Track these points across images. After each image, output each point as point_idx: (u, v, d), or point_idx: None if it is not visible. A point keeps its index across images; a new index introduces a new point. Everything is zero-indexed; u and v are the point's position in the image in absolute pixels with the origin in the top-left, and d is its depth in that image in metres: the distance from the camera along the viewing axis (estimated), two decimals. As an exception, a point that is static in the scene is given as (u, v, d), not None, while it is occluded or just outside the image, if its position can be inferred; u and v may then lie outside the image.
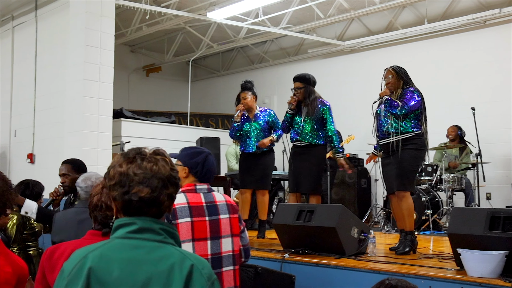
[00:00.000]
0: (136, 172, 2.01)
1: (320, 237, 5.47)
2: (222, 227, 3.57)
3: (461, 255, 4.32)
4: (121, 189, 2.01)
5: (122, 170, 2.03)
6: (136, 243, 1.97)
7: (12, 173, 11.00)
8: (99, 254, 1.95)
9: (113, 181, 2.04)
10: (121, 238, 1.99)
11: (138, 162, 2.03)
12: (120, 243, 1.98)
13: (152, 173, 2.01)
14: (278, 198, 9.73)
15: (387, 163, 5.95)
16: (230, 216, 3.63)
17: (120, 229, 2.01)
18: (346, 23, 13.35)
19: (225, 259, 3.55)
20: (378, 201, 10.89)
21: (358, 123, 10.76)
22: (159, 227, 2.01)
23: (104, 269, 1.91)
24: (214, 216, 3.56)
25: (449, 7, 11.69)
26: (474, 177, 9.15)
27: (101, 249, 1.97)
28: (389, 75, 6.02)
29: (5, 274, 2.56)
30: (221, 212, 3.59)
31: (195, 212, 3.51)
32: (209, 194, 3.63)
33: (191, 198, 3.54)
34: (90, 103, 9.36)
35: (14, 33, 11.75)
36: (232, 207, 3.68)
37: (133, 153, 2.08)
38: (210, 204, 3.58)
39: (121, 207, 2.04)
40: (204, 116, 15.47)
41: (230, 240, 3.60)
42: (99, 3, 9.51)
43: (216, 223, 3.56)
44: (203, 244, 3.49)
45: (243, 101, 7.20)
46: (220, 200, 3.65)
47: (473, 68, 11.18)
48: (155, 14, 11.98)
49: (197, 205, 3.54)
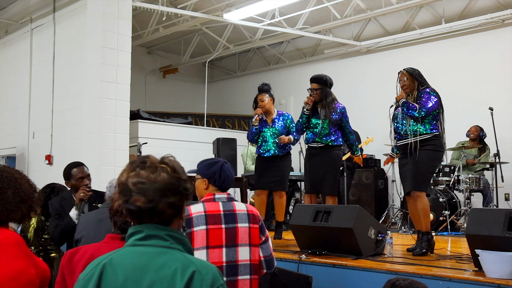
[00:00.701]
0: (133, 181, 2.02)
1: (337, 238, 5.46)
2: (240, 235, 3.59)
3: (479, 256, 4.29)
4: (123, 198, 2.04)
5: (122, 179, 2.06)
6: (142, 249, 2.00)
7: (30, 175, 11.02)
8: (109, 262, 2.00)
9: (118, 190, 2.08)
10: (131, 245, 2.03)
11: (137, 171, 2.04)
12: (129, 250, 2.02)
13: (149, 182, 2.01)
14: (294, 199, 9.72)
15: (404, 164, 5.92)
16: (250, 226, 3.64)
17: (130, 237, 2.05)
18: (362, 24, 13.31)
19: (241, 267, 3.56)
20: (395, 202, 10.83)
21: (375, 124, 10.74)
22: (166, 233, 2.02)
23: (112, 276, 1.96)
24: (231, 224, 3.58)
25: (466, 6, 11.61)
26: (492, 178, 9.08)
27: (112, 256, 2.02)
28: (403, 77, 5.98)
29: (30, 275, 2.58)
30: (239, 221, 3.61)
31: (211, 220, 3.55)
32: (229, 203, 3.67)
33: (208, 207, 3.60)
34: (107, 104, 9.42)
35: (32, 35, 11.86)
36: (254, 217, 3.69)
37: (137, 161, 2.09)
38: (228, 213, 3.62)
39: (128, 215, 2.07)
40: (221, 117, 15.49)
41: (248, 249, 3.60)
42: (116, 5, 9.56)
43: (233, 231, 3.58)
44: (218, 252, 3.51)
45: (260, 103, 7.18)
46: (240, 209, 3.68)
47: (491, 68, 11.10)
48: (171, 16, 12.01)
49: (214, 213, 3.58)
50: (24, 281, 2.54)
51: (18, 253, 2.62)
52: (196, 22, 12.58)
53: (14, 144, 12.07)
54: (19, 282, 2.53)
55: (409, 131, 5.81)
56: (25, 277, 2.56)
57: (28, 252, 2.70)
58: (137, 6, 10.62)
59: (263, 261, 3.70)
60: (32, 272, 2.59)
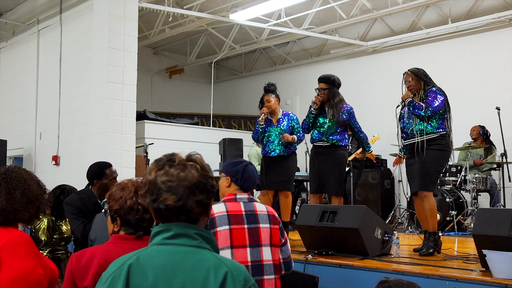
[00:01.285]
0: (162, 180, 2.01)
1: (343, 238, 5.45)
2: (262, 235, 3.62)
3: (487, 256, 4.28)
4: (151, 197, 2.03)
5: (150, 178, 2.04)
6: (171, 249, 1.98)
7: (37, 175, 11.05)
8: (136, 261, 1.96)
9: (144, 189, 2.06)
10: (158, 244, 2.01)
11: (166, 169, 2.03)
12: (157, 249, 2.00)
13: (179, 180, 2.00)
14: (301, 199, 9.72)
15: (411, 163, 5.91)
16: (271, 226, 3.67)
17: (157, 236, 2.03)
18: (368, 24, 13.30)
19: (266, 267, 3.59)
20: (401, 202, 10.81)
21: (382, 124, 10.72)
22: (195, 232, 2.02)
23: (141, 276, 1.93)
24: (254, 225, 3.62)
25: (473, 6, 11.58)
26: (500, 178, 9.04)
27: (138, 255, 1.99)
28: (408, 78, 5.97)
29: (38, 275, 2.58)
30: (261, 221, 3.65)
31: (233, 220, 3.58)
32: (250, 204, 3.71)
33: (230, 207, 3.64)
34: (114, 105, 9.44)
35: (39, 36, 11.90)
36: (274, 218, 3.72)
37: (164, 159, 2.08)
38: (249, 213, 3.65)
39: (154, 215, 2.06)
40: (227, 118, 15.50)
41: (270, 249, 3.64)
42: (122, 6, 9.59)
43: (255, 231, 3.61)
44: (242, 252, 3.54)
45: (266, 104, 7.15)
46: (261, 210, 3.71)
47: (499, 68, 11.06)
48: (177, 16, 12.02)
49: (236, 213, 3.62)
50: (32, 281, 2.55)
51: (27, 253, 2.63)
52: (202, 23, 12.60)
53: (21, 145, 12.11)
54: (27, 281, 2.53)
55: (416, 131, 5.79)
56: (34, 276, 2.56)
57: (37, 252, 2.71)
58: (143, 7, 10.63)
59: (282, 263, 3.74)
60: (40, 272, 2.60)
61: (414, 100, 5.81)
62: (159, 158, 2.11)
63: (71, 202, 5.25)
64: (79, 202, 5.21)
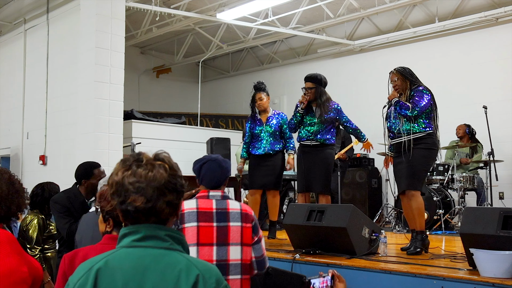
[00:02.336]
0: (130, 181, 1.94)
1: (331, 237, 5.46)
2: (231, 234, 3.55)
3: (474, 255, 4.29)
4: (118, 198, 1.96)
5: (117, 179, 1.97)
6: (141, 251, 1.92)
7: (24, 175, 11.07)
8: (104, 265, 1.90)
9: (111, 190, 1.99)
10: (127, 247, 1.95)
11: (134, 169, 1.96)
12: (126, 252, 1.93)
13: (147, 180, 1.94)
14: (288, 199, 9.71)
15: (398, 163, 5.92)
16: (242, 225, 3.59)
17: (126, 238, 1.97)
18: (355, 23, 13.33)
19: (232, 267, 3.52)
20: (389, 201, 10.83)
21: (369, 123, 10.70)
22: (165, 234, 1.96)
23: (109, 280, 1.87)
24: (223, 223, 3.55)
25: (460, 5, 11.64)
26: (487, 176, 9.08)
27: (107, 259, 1.92)
28: (394, 77, 5.97)
29: (22, 273, 2.57)
30: (231, 220, 3.57)
31: (202, 217, 3.53)
32: (223, 201, 3.64)
33: (201, 204, 3.58)
34: (101, 104, 9.41)
35: (26, 36, 11.85)
36: (246, 216, 3.64)
37: (131, 159, 2.01)
38: (220, 211, 3.58)
39: (121, 216, 1.99)
40: (214, 117, 15.48)
41: (239, 248, 3.56)
42: (109, 5, 9.56)
43: (224, 230, 3.54)
44: (208, 250, 3.49)
45: (259, 102, 7.16)
46: (234, 208, 3.63)
47: (485, 66, 11.12)
48: (165, 16, 12.00)
49: (206, 211, 3.56)
50: (16, 279, 2.54)
51: (11, 251, 2.62)
52: (189, 22, 12.58)
53: (8, 144, 12.05)
54: (12, 279, 2.52)
55: (403, 130, 5.81)
56: (18, 275, 2.55)
57: (21, 250, 2.70)
58: (130, 7, 10.60)
59: (254, 262, 3.65)
60: (24, 270, 2.59)
61: (400, 100, 5.82)
62: (125, 157, 2.04)
63: (58, 200, 5.23)
64: (66, 201, 5.20)
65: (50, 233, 5.77)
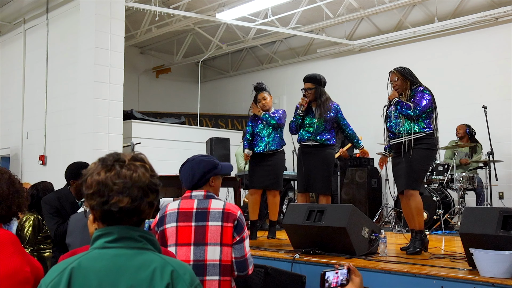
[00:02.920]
0: (115, 181, 1.92)
1: (331, 237, 5.46)
2: (209, 234, 3.49)
3: (474, 255, 4.29)
4: (100, 199, 1.93)
5: (100, 178, 1.94)
6: (115, 252, 1.91)
7: (24, 175, 11.08)
8: (77, 267, 1.88)
9: (91, 190, 1.96)
10: (100, 248, 1.93)
11: (117, 170, 1.95)
12: (99, 253, 1.92)
13: (132, 181, 1.93)
14: (288, 199, 9.71)
15: (397, 162, 5.92)
16: (222, 224, 3.51)
17: (99, 239, 1.95)
18: (355, 23, 13.32)
19: (209, 267, 3.46)
20: (388, 201, 10.83)
21: (369, 123, 10.74)
22: (138, 234, 1.95)
23: (83, 281, 1.86)
24: (201, 223, 3.51)
25: (459, 5, 11.64)
26: (486, 176, 9.08)
27: (79, 260, 1.90)
28: (394, 77, 5.96)
29: (25, 273, 2.57)
30: (211, 219, 3.52)
31: (181, 217, 3.54)
32: (205, 201, 3.60)
33: (183, 204, 3.60)
34: (101, 104, 9.42)
35: (25, 36, 11.85)
36: (228, 215, 3.54)
37: (111, 159, 1.99)
38: (200, 211, 3.55)
39: (99, 217, 1.97)
40: (214, 117, 15.49)
41: (219, 249, 3.49)
42: (108, 5, 9.56)
43: (202, 229, 3.50)
44: (185, 250, 3.47)
45: (263, 101, 7.13)
46: (215, 207, 3.56)
47: (485, 66, 11.13)
48: (164, 16, 12.00)
49: (186, 211, 3.56)
50: (20, 279, 2.54)
51: (14, 251, 2.62)
52: (188, 22, 12.58)
53: (8, 144, 12.05)
54: (16, 280, 2.52)
55: (403, 130, 5.81)
56: (21, 275, 2.56)
57: (23, 251, 2.71)
58: (130, 6, 10.60)
59: (234, 262, 3.54)
60: (27, 270, 2.59)
61: (401, 100, 5.81)
62: (103, 157, 2.02)
63: (48, 201, 5.27)
64: (56, 202, 5.22)
65: (47, 233, 5.77)
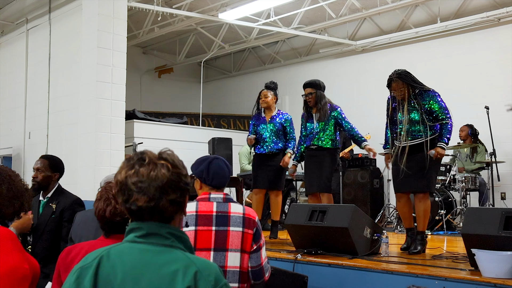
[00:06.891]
0: (133, 181, 1.96)
1: (333, 238, 5.46)
2: (230, 239, 3.39)
3: (476, 256, 4.29)
4: (123, 197, 1.98)
5: (120, 178, 1.99)
6: (143, 247, 1.94)
7: (26, 175, 11.07)
8: (107, 256, 1.94)
9: (116, 189, 2.02)
10: (130, 242, 1.98)
11: (136, 169, 1.97)
12: (128, 246, 1.96)
13: (149, 180, 1.95)
14: (290, 199, 9.71)
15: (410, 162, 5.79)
16: (243, 231, 3.42)
17: (130, 233, 2.00)
18: (357, 23, 13.32)
19: (229, 274, 3.36)
20: (390, 201, 10.83)
21: (371, 123, 10.72)
22: (166, 231, 1.98)
23: (109, 270, 1.90)
24: (223, 227, 3.40)
25: (462, 5, 11.63)
26: (488, 177, 9.07)
27: (109, 250, 1.96)
28: (399, 87, 5.77)
29: (24, 270, 2.60)
30: (232, 224, 3.41)
31: (201, 221, 3.40)
32: (224, 204, 3.48)
33: (201, 207, 3.45)
34: (103, 104, 9.41)
35: (28, 36, 11.86)
36: (249, 221, 3.46)
37: (135, 158, 2.02)
38: (221, 214, 3.43)
39: (127, 213, 2.02)
40: (216, 117, 15.48)
41: (239, 255, 3.40)
42: (111, 5, 9.56)
43: (223, 234, 3.39)
44: (205, 255, 3.33)
45: (264, 98, 7.26)
46: (235, 211, 3.46)
47: (487, 67, 11.11)
48: (167, 16, 12.01)
49: (206, 214, 3.43)
50: (19, 276, 2.56)
51: (13, 248, 2.65)
52: (191, 22, 12.59)
53: (10, 144, 12.06)
54: (15, 277, 2.54)
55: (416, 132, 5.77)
56: (21, 272, 2.58)
57: (21, 248, 2.74)
58: (132, 6, 10.61)
59: (250, 271, 3.47)
60: (26, 267, 2.61)
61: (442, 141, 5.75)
62: (130, 156, 2.05)
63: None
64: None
65: None
